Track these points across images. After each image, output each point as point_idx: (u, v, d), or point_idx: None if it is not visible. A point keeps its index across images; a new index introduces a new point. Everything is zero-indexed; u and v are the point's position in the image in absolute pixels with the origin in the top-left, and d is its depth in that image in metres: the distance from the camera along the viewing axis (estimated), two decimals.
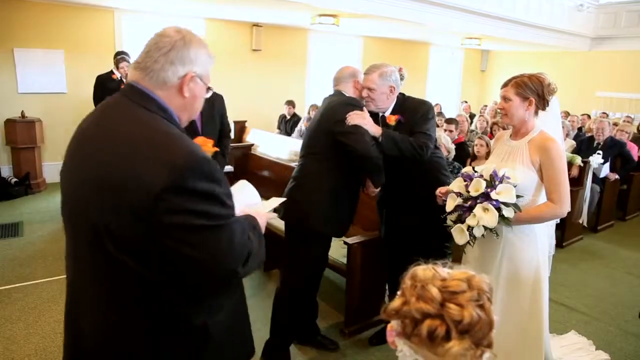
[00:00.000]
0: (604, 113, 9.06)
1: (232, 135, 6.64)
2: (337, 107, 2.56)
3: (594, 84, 10.32)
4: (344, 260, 3.13)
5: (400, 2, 6.49)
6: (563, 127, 6.02)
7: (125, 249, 1.12)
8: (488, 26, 7.97)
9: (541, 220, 2.21)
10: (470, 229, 2.11)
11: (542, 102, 2.21)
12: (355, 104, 2.58)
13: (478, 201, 2.09)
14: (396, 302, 0.94)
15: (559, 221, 2.63)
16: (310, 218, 2.57)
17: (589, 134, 6.40)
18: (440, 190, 2.37)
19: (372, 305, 3.17)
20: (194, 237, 1.11)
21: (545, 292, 2.33)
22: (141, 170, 1.10)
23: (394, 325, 0.96)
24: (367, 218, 3.46)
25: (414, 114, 2.63)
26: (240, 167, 5.20)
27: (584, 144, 6.00)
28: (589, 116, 8.54)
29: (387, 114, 2.69)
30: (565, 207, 2.15)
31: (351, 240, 3.02)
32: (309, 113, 7.57)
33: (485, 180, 2.10)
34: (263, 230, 1.40)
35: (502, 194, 2.05)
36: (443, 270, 0.96)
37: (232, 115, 6.97)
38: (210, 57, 1.32)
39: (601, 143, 5.80)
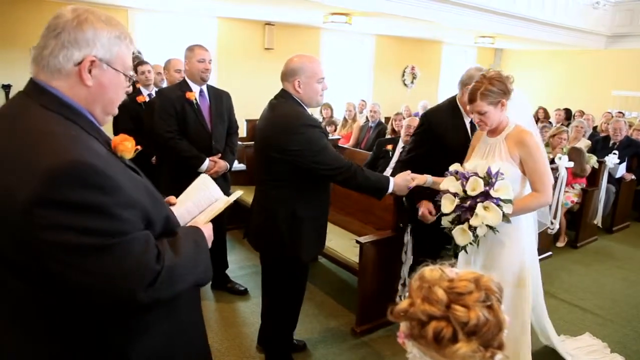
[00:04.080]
0: (619, 112, 8.89)
1: (244, 133, 6.76)
2: (282, 136, 2.25)
3: (610, 83, 10.12)
4: (356, 259, 3.13)
5: (413, 0, 6.45)
6: (580, 126, 5.95)
7: (8, 269, 1.00)
8: (502, 24, 7.87)
9: (528, 211, 2.27)
10: (472, 228, 2.10)
11: (509, 95, 2.24)
12: (311, 124, 2.27)
13: (478, 200, 2.09)
14: (403, 304, 0.95)
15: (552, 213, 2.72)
16: (285, 246, 2.36)
17: (604, 134, 6.31)
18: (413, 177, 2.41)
19: (383, 304, 3.14)
20: (75, 259, 0.95)
21: (530, 289, 2.35)
22: (5, 179, 0.94)
23: (402, 327, 0.96)
24: (379, 217, 3.46)
25: None
26: (252, 165, 5.21)
27: (599, 144, 5.92)
28: (612, 115, 8.33)
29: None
30: (549, 195, 2.22)
31: (363, 239, 3.01)
32: (321, 113, 7.57)
33: (481, 178, 2.11)
34: (210, 240, 1.28)
35: (500, 190, 2.08)
36: (451, 271, 0.95)
37: (245, 114, 7.03)
38: (121, 38, 1.11)
39: (617, 143, 5.72)
